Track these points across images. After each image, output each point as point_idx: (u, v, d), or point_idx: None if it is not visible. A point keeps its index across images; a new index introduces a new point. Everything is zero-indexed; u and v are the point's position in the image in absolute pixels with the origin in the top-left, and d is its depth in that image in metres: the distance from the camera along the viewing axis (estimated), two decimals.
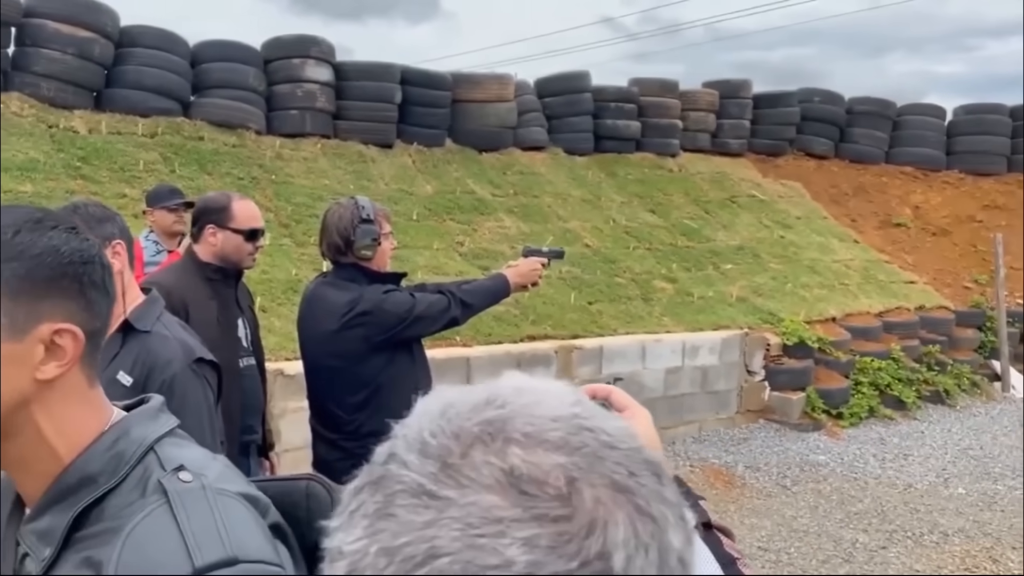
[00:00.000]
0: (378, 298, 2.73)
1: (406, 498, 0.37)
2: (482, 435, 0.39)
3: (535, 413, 0.40)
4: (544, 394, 0.41)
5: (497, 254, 7.58)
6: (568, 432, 0.39)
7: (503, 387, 0.42)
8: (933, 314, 8.75)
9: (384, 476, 0.39)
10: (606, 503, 0.36)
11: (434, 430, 0.40)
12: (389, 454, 0.41)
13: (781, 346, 7.22)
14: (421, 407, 0.43)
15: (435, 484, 0.37)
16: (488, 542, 0.35)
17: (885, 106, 11.61)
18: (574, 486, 0.36)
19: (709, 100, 10.67)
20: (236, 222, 2.64)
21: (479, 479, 0.37)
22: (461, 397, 0.42)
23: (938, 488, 5.99)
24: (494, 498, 0.36)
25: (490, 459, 0.37)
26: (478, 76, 9.54)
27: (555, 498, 0.36)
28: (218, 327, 2.56)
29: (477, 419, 0.39)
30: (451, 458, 0.38)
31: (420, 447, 0.39)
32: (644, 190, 9.54)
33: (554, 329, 6.33)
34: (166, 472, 0.78)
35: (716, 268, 8.30)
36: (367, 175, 8.29)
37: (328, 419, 2.83)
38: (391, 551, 0.36)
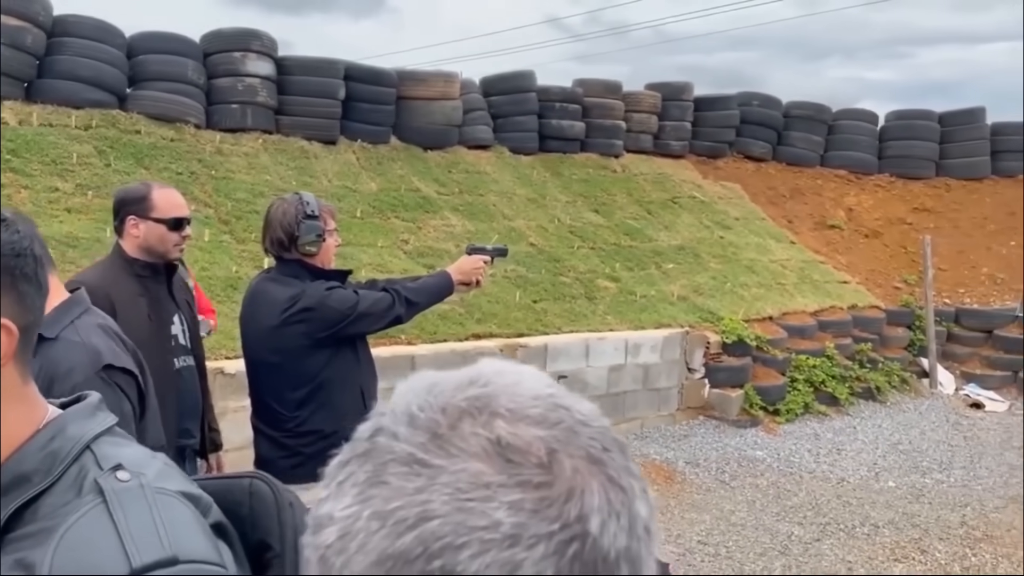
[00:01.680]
0: (321, 294, 2.71)
1: (397, 467, 0.39)
2: (469, 409, 0.41)
3: (516, 392, 0.42)
4: (522, 376, 0.44)
5: (442, 252, 7.57)
6: (546, 409, 0.41)
7: (485, 369, 0.44)
8: (865, 313, 9.03)
9: (373, 448, 0.41)
10: (582, 472, 0.39)
11: (422, 404, 0.42)
12: (375, 428, 0.43)
13: (720, 344, 7.37)
14: (405, 387, 0.45)
15: (425, 453, 0.39)
16: (477, 505, 0.37)
17: (820, 111, 11.93)
18: (554, 456, 0.39)
19: (652, 102, 10.82)
20: (158, 211, 2.54)
21: (467, 448, 0.39)
22: (445, 377, 0.44)
23: (869, 482, 6.20)
24: (481, 466, 0.38)
25: (477, 430, 0.40)
26: (424, 73, 9.51)
27: (537, 466, 0.38)
28: (149, 325, 2.47)
29: (463, 396, 0.42)
30: (440, 429, 0.40)
31: (409, 420, 0.41)
32: (588, 190, 9.63)
33: (499, 327, 6.36)
34: (103, 471, 0.76)
35: (658, 268, 8.42)
36: (310, 171, 8.19)
37: (270, 416, 2.80)
38: (383, 515, 0.38)
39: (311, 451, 2.76)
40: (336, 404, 2.79)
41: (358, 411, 2.38)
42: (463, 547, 0.36)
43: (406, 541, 0.37)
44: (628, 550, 0.39)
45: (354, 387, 2.87)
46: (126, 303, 2.42)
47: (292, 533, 0.82)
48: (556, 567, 0.36)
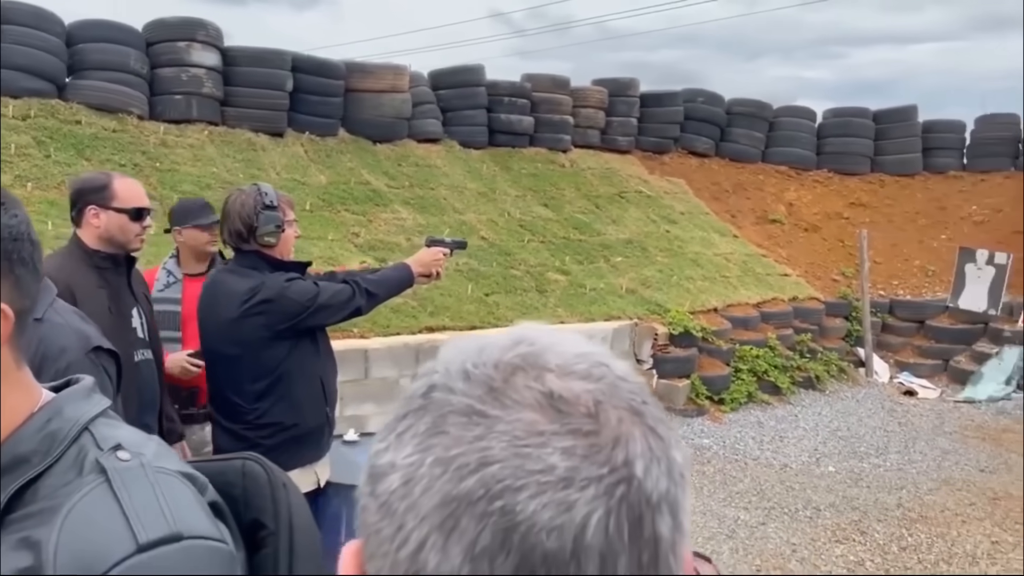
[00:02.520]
0: (280, 286, 2.71)
1: (456, 417, 0.42)
2: (522, 365, 0.44)
3: (561, 350, 0.45)
4: (565, 336, 0.48)
5: (393, 245, 7.57)
6: (590, 365, 0.45)
7: (528, 330, 0.48)
8: (805, 305, 9.30)
9: (430, 403, 0.44)
10: (625, 422, 0.42)
11: (475, 362, 0.45)
12: (429, 386, 0.45)
13: (668, 336, 7.53)
14: (452, 350, 0.48)
15: (483, 405, 0.42)
16: (532, 451, 0.40)
17: (761, 108, 12.22)
18: (600, 407, 0.42)
19: (599, 97, 10.95)
20: (119, 201, 2.49)
21: (522, 400, 0.42)
22: (491, 339, 0.47)
23: (811, 467, 6.42)
24: (535, 416, 0.41)
25: (530, 384, 0.43)
26: (372, 66, 9.45)
27: (585, 416, 0.42)
28: (110, 317, 2.43)
29: (512, 353, 0.45)
30: (495, 383, 0.43)
31: (464, 376, 0.44)
32: (537, 184, 9.71)
33: (452, 320, 6.39)
34: (103, 451, 0.77)
35: (607, 261, 8.55)
36: (258, 164, 8.09)
37: (229, 408, 2.79)
38: (445, 461, 0.41)
39: (271, 443, 2.76)
40: (296, 396, 2.80)
41: (318, 403, 2.41)
42: (521, 489, 0.39)
43: (469, 484, 0.40)
44: (668, 493, 0.42)
45: (314, 379, 2.88)
46: (87, 294, 2.38)
47: (286, 512, 0.84)
48: (606, 506, 0.40)
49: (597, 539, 0.39)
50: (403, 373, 5.97)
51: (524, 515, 0.39)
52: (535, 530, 0.39)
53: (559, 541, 0.39)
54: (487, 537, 0.39)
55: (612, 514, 0.40)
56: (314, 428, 2.86)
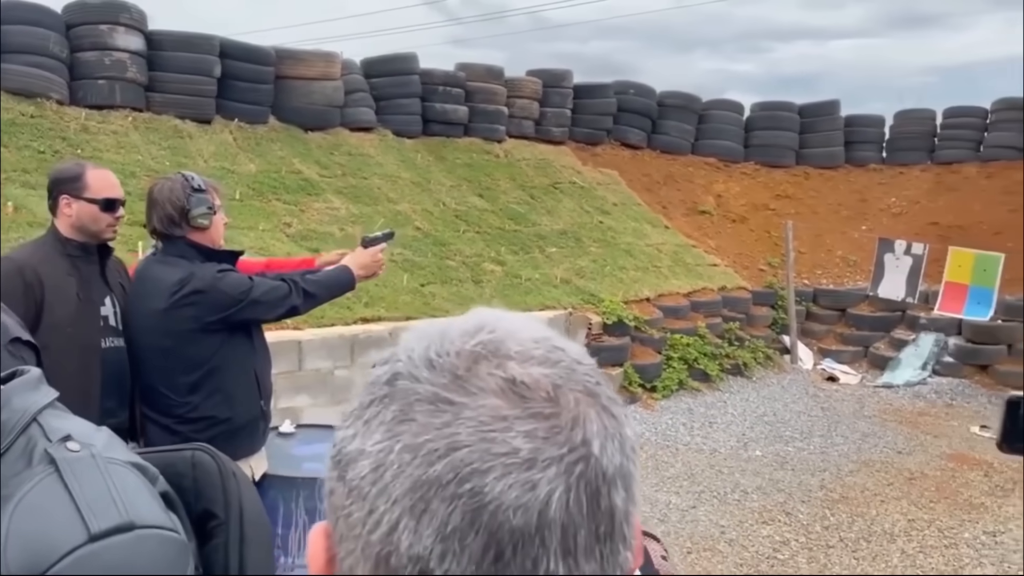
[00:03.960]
0: (212, 277, 2.66)
1: (423, 405, 0.44)
2: (484, 353, 0.46)
3: (520, 336, 0.47)
4: (521, 322, 0.50)
5: (327, 235, 7.47)
6: (547, 351, 0.47)
7: (486, 317, 0.49)
8: (733, 294, 9.55)
9: (395, 391, 0.46)
10: (582, 403, 0.45)
11: (438, 351, 0.46)
12: (393, 373, 0.47)
13: (602, 325, 7.64)
14: (413, 336, 0.49)
15: (448, 392, 0.44)
16: (498, 435, 0.42)
17: (691, 100, 12.45)
18: (558, 391, 0.45)
19: (533, 88, 10.99)
20: (91, 191, 2.56)
21: (485, 387, 0.44)
22: (451, 325, 0.49)
23: (739, 451, 6.62)
24: (499, 401, 0.43)
25: (492, 371, 0.45)
26: (303, 52, 9.29)
27: (545, 400, 0.44)
28: (77, 304, 2.50)
29: (474, 341, 0.46)
30: (459, 371, 0.45)
31: (427, 364, 0.46)
32: (472, 174, 9.71)
33: (387, 311, 6.36)
34: (52, 442, 0.76)
35: (541, 251, 8.62)
36: (184, 151, 7.88)
37: (159, 403, 2.73)
38: (415, 447, 0.43)
39: (204, 437, 2.69)
40: (229, 390, 2.75)
41: (252, 397, 2.39)
42: (488, 471, 0.41)
43: (438, 468, 0.42)
44: (622, 467, 0.45)
45: (248, 373, 2.83)
46: (55, 280, 2.49)
47: (237, 502, 0.84)
48: (566, 483, 0.42)
49: (559, 514, 0.42)
50: (338, 364, 5.93)
51: (492, 495, 0.41)
52: (502, 509, 0.41)
53: (524, 518, 0.41)
54: (457, 518, 0.41)
55: (572, 490, 0.42)
56: (248, 422, 2.82)
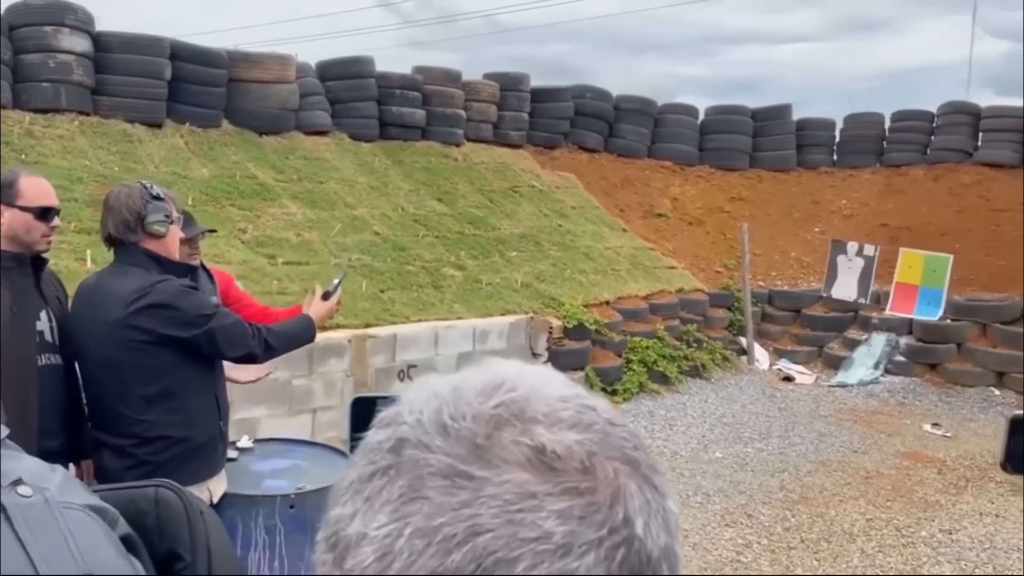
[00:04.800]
0: (175, 291, 2.58)
1: (437, 480, 0.38)
2: (506, 416, 0.40)
3: (545, 395, 0.41)
4: (544, 376, 0.44)
5: (283, 241, 7.35)
6: (577, 411, 0.41)
7: (505, 371, 0.44)
8: (691, 296, 9.64)
9: (401, 461, 0.40)
10: (621, 474, 0.39)
11: (453, 414, 0.40)
12: (398, 440, 0.41)
13: (562, 329, 7.64)
14: (421, 395, 0.43)
15: (466, 465, 0.38)
16: (526, 516, 0.36)
17: (647, 104, 12.53)
18: (594, 460, 0.39)
19: (490, 92, 10.96)
20: (25, 199, 2.43)
21: (509, 458, 0.38)
22: (465, 382, 0.43)
23: (699, 454, 6.66)
24: (526, 475, 0.38)
25: (518, 439, 0.39)
26: (257, 55, 9.12)
27: (579, 472, 0.38)
28: (11, 317, 2.36)
29: (493, 402, 0.41)
30: (478, 439, 0.39)
31: (440, 429, 0.40)
32: (430, 178, 9.64)
33: (346, 319, 6.26)
34: (2, 487, 0.70)
35: (501, 255, 8.59)
36: (134, 156, 7.68)
37: (113, 423, 2.63)
38: (428, 532, 0.37)
39: (161, 459, 2.63)
40: (189, 409, 2.67)
41: (211, 415, 2.33)
42: (517, 560, 0.36)
43: (456, 558, 0.36)
44: (667, 548, 0.40)
45: (208, 391, 2.76)
46: None
47: (204, 542, 0.80)
48: (607, 571, 0.37)
49: None
50: (296, 374, 5.82)
51: None
52: None
53: None
54: None
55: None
56: (207, 442, 2.74)
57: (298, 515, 3.13)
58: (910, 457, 6.72)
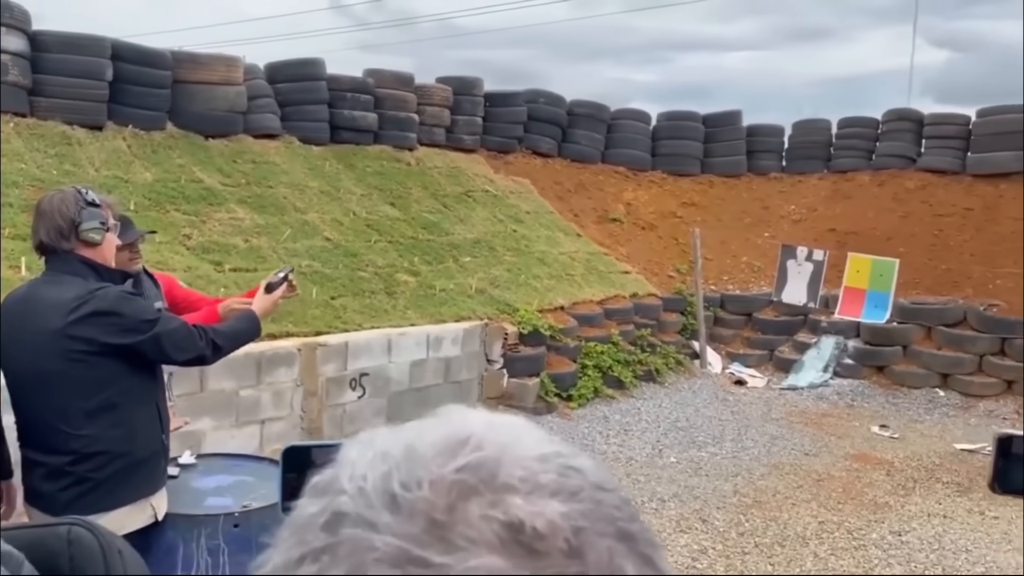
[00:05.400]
0: (116, 298, 2.50)
1: (383, 568, 0.31)
2: (472, 483, 0.33)
3: (520, 454, 0.34)
4: (517, 429, 0.36)
5: (230, 247, 7.17)
6: (559, 474, 0.34)
7: (470, 423, 0.36)
8: (644, 301, 9.67)
9: (339, 543, 0.32)
10: (616, 554, 0.33)
11: (405, 481, 0.33)
12: (335, 514, 0.33)
13: (518, 335, 7.59)
14: (362, 455, 0.35)
15: (422, 549, 0.31)
16: None
17: (600, 110, 12.57)
18: (582, 538, 0.32)
19: (444, 96, 10.88)
20: None
21: (477, 538, 0.31)
22: (419, 437, 0.35)
23: (654, 459, 6.66)
24: (498, 560, 0.31)
25: (488, 512, 0.32)
26: (203, 56, 8.91)
27: (565, 555, 0.31)
28: None
29: (456, 464, 0.33)
30: (436, 514, 0.32)
31: (388, 502, 0.32)
32: (383, 183, 9.52)
33: (296, 326, 6.12)
34: None
35: (455, 261, 8.50)
36: (73, 159, 7.42)
37: (48, 440, 2.51)
38: None
39: (102, 476, 2.52)
40: (131, 422, 2.57)
41: (153, 428, 2.22)
42: None
43: None
44: None
45: (150, 403, 2.68)
46: None
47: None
48: None
49: None
50: (243, 384, 5.67)
51: None
52: None
53: None
54: None
55: None
56: (149, 456, 2.64)
57: (243, 534, 3.02)
58: (860, 459, 6.81)
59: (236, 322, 2.90)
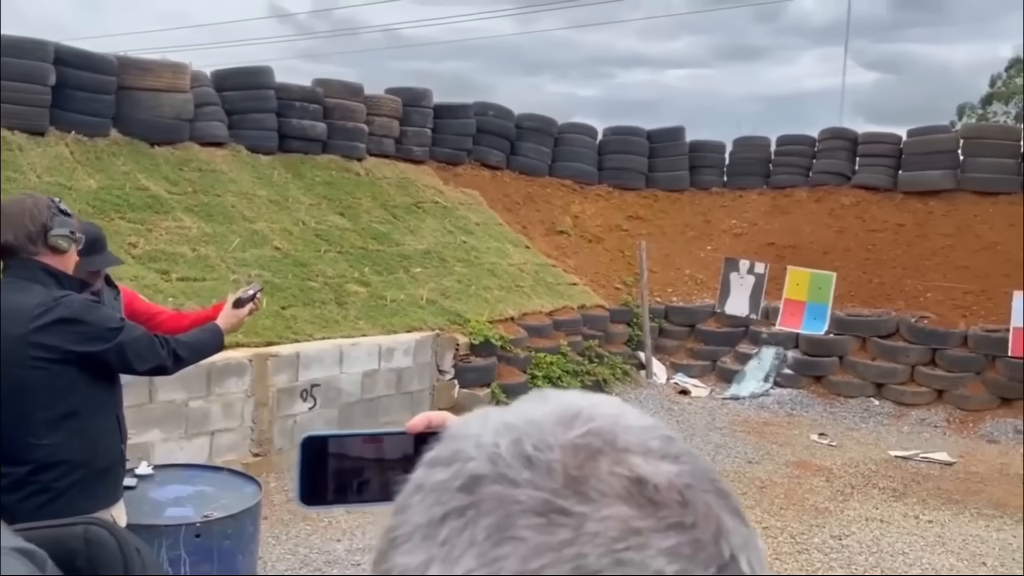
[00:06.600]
0: (81, 306, 2.50)
1: (530, 518, 0.34)
2: (597, 446, 0.37)
3: (629, 424, 0.39)
4: (617, 405, 0.41)
5: (177, 256, 7.06)
6: (662, 441, 0.38)
7: (572, 399, 0.40)
8: (592, 312, 9.81)
9: (482, 499, 0.36)
10: (714, 508, 0.37)
11: (536, 444, 0.37)
12: (471, 476, 0.37)
13: (469, 345, 7.64)
14: (484, 427, 0.39)
15: (563, 500, 0.35)
16: (634, 555, 0.33)
17: (548, 123, 12.72)
18: (689, 493, 0.36)
19: (393, 107, 10.89)
20: None
21: (608, 491, 0.35)
22: (535, 412, 0.39)
23: None
24: (627, 509, 0.35)
25: (616, 469, 0.36)
26: (149, 62, 8.77)
27: (680, 505, 0.35)
28: None
29: (576, 432, 0.37)
30: (571, 470, 0.36)
31: (526, 463, 0.36)
32: (332, 192, 9.48)
33: (247, 337, 6.06)
34: None
35: (406, 272, 8.52)
36: (14, 165, 7.22)
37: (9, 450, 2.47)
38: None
39: (63, 485, 2.50)
40: (93, 431, 2.56)
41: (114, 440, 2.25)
42: None
43: None
44: None
45: (111, 413, 2.67)
46: None
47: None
48: None
49: None
50: (192, 395, 5.60)
51: None
52: None
53: None
54: None
55: None
56: (109, 466, 2.64)
57: (204, 544, 3.02)
58: (800, 466, 7.03)
59: (199, 333, 2.90)
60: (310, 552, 4.83)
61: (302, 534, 5.04)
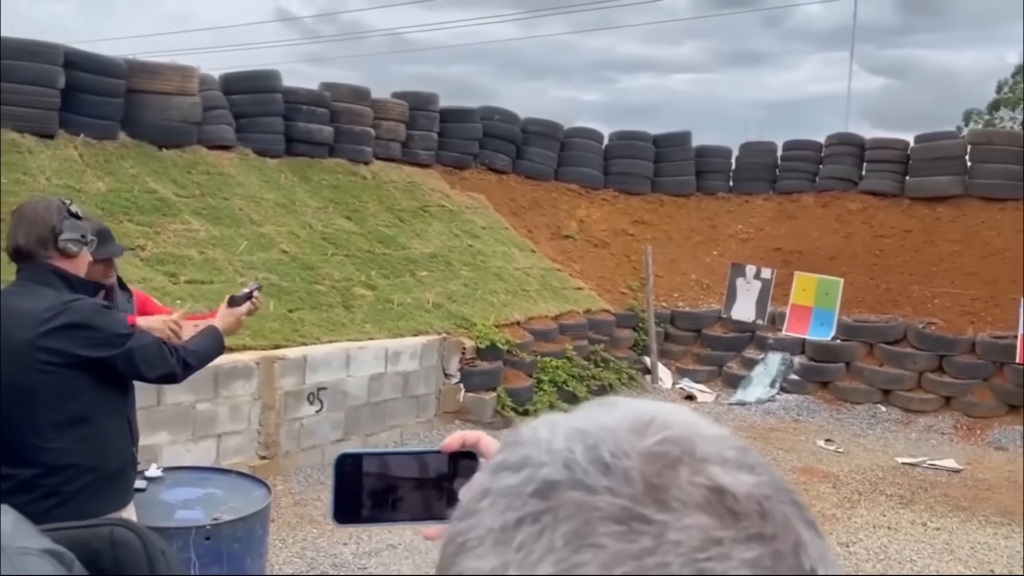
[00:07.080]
0: (90, 311, 2.50)
1: (610, 525, 0.34)
2: (676, 454, 0.36)
3: (703, 432, 0.38)
4: (690, 413, 0.41)
5: (185, 259, 7.08)
6: (739, 451, 0.38)
7: (643, 407, 0.40)
8: (597, 317, 9.81)
9: (559, 505, 0.35)
10: (792, 519, 0.36)
11: (613, 451, 0.37)
12: (545, 482, 0.37)
13: (475, 349, 7.64)
14: (557, 435, 0.39)
15: (643, 507, 0.34)
16: (716, 565, 0.33)
17: (554, 128, 12.73)
18: (768, 504, 0.36)
19: (399, 111, 10.91)
20: None
21: (688, 500, 0.35)
22: (606, 417, 0.39)
23: None
24: (707, 519, 0.34)
25: (695, 479, 0.35)
26: (158, 65, 8.80)
27: (759, 516, 0.35)
28: None
29: (654, 439, 0.37)
30: (651, 478, 0.35)
31: (603, 469, 0.36)
32: (339, 196, 9.50)
33: (254, 340, 6.08)
34: None
35: (413, 275, 8.53)
36: (23, 168, 7.26)
37: (17, 452, 2.48)
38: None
39: (72, 489, 2.50)
40: (102, 435, 2.56)
41: (124, 443, 2.24)
42: None
43: None
44: None
45: (121, 417, 2.67)
46: None
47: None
48: None
49: None
50: (200, 398, 5.60)
51: None
52: None
53: None
54: None
55: None
56: (119, 469, 2.64)
57: (214, 547, 3.02)
58: (806, 472, 7.01)
59: (203, 338, 2.89)
60: (317, 555, 4.83)
61: (309, 537, 5.04)
